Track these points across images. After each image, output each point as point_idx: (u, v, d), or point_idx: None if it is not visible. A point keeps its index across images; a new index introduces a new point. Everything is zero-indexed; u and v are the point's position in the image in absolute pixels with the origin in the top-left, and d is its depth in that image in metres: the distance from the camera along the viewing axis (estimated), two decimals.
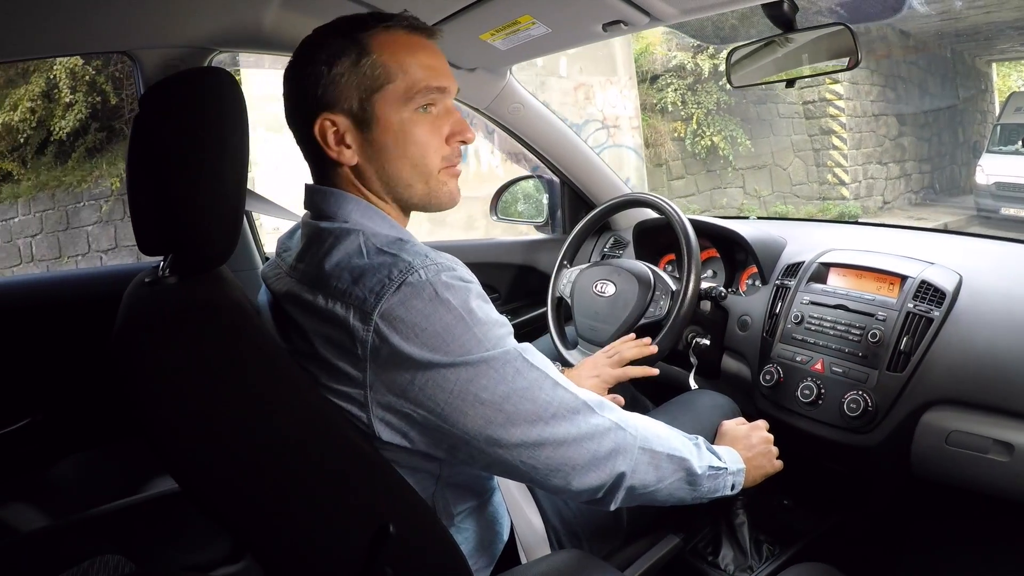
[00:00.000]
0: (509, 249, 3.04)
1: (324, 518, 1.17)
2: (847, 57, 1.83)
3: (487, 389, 1.13)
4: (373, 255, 1.16)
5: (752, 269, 2.32)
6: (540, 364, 1.21)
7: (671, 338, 1.92)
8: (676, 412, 1.86)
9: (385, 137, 1.25)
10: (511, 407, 1.15)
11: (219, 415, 1.05)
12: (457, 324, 1.11)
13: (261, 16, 1.91)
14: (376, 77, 1.23)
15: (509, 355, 1.16)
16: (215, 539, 2.06)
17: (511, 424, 1.16)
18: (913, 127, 15.55)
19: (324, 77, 1.22)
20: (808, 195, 13.97)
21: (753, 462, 1.59)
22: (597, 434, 1.24)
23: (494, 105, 2.53)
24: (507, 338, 1.18)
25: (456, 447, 1.18)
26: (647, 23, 1.83)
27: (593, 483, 1.25)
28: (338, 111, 1.23)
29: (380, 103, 1.24)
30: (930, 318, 1.77)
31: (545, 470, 1.21)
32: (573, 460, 1.22)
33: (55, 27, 1.80)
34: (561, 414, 1.20)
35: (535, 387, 1.18)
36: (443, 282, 1.12)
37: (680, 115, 12.66)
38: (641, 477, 1.31)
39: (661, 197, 2.07)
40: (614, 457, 1.26)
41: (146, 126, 1.15)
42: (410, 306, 1.10)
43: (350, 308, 1.12)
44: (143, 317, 1.04)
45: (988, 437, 1.67)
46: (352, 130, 1.25)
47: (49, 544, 1.88)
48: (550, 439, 1.19)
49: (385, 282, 1.11)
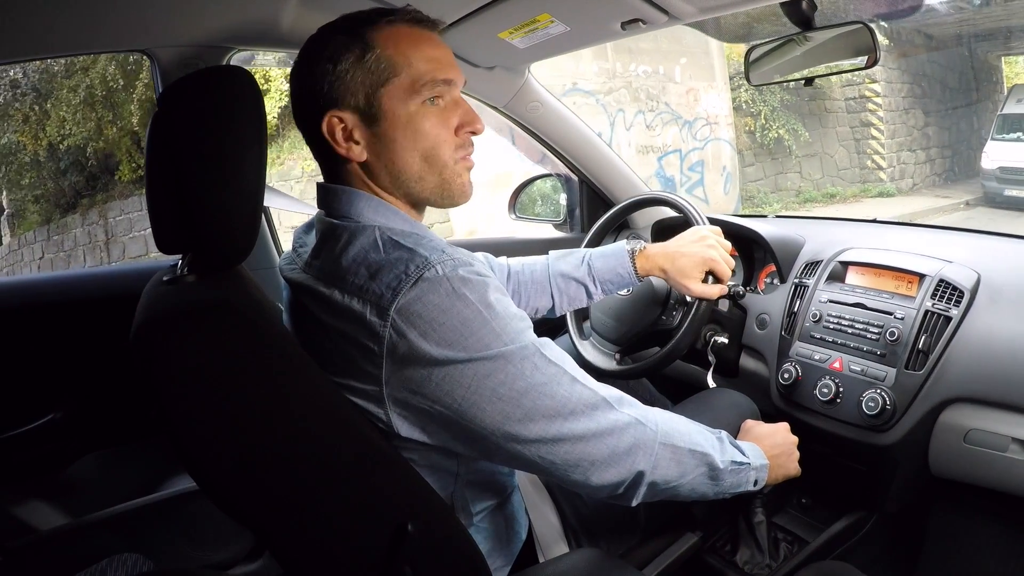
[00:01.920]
0: (527, 247, 3.02)
1: (343, 516, 1.17)
2: (866, 55, 1.82)
3: (505, 384, 1.13)
4: (389, 249, 1.16)
5: (770, 267, 2.30)
6: (558, 359, 1.20)
7: (689, 337, 1.91)
8: (695, 410, 1.84)
9: (393, 131, 1.26)
10: (529, 402, 1.15)
11: (237, 412, 1.05)
12: (475, 318, 1.11)
13: (279, 14, 1.91)
14: (381, 71, 1.23)
15: (527, 350, 1.16)
16: (233, 537, 2.07)
17: (529, 420, 1.15)
18: (936, 117, 17.14)
19: (330, 74, 1.22)
20: (851, 179, 16.03)
21: (776, 461, 1.57)
22: (616, 430, 1.23)
23: (512, 103, 2.52)
24: (526, 332, 1.18)
25: (474, 441, 1.18)
26: (666, 21, 1.82)
27: (613, 479, 1.25)
28: (345, 107, 1.24)
29: (386, 97, 1.24)
30: (948, 316, 1.76)
31: (564, 466, 1.21)
32: (592, 456, 1.21)
33: (74, 25, 1.81)
34: (580, 410, 1.19)
35: (553, 382, 1.17)
36: (460, 277, 1.12)
37: (750, 111, 14.91)
38: (663, 473, 1.30)
39: (680, 196, 2.06)
40: (634, 453, 1.25)
41: (164, 125, 1.15)
42: (427, 301, 1.09)
43: (367, 304, 1.12)
44: (162, 314, 1.04)
45: (1007, 435, 1.66)
46: (360, 126, 1.25)
47: (68, 542, 1.90)
48: (568, 435, 1.18)
49: (402, 277, 1.11)
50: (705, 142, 13.05)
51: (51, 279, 2.49)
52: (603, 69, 11.68)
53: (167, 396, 1.01)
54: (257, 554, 2.08)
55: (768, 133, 14.96)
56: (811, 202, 15.10)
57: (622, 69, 11.90)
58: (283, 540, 1.16)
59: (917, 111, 16.66)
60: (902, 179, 16.14)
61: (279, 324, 1.16)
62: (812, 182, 15.73)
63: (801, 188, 15.60)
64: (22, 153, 14.63)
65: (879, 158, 15.90)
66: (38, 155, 14.48)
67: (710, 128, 13.11)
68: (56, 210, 15.04)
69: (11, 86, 13.91)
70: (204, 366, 1.02)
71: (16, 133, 14.25)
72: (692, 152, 12.82)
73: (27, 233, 15.45)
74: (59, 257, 14.23)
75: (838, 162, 16.04)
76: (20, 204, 15.81)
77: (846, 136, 16.18)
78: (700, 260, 1.77)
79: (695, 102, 12.94)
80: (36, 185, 15.10)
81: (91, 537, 1.93)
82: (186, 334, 1.02)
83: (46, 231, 14.84)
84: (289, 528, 1.15)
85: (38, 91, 13.90)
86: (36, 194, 15.25)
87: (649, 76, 12.35)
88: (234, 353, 1.04)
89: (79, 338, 2.16)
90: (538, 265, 1.92)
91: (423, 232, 1.27)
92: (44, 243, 14.73)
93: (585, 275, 1.88)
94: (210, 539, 2.05)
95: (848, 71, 1.93)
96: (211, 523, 2.03)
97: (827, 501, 2.13)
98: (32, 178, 15.01)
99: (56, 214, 14.97)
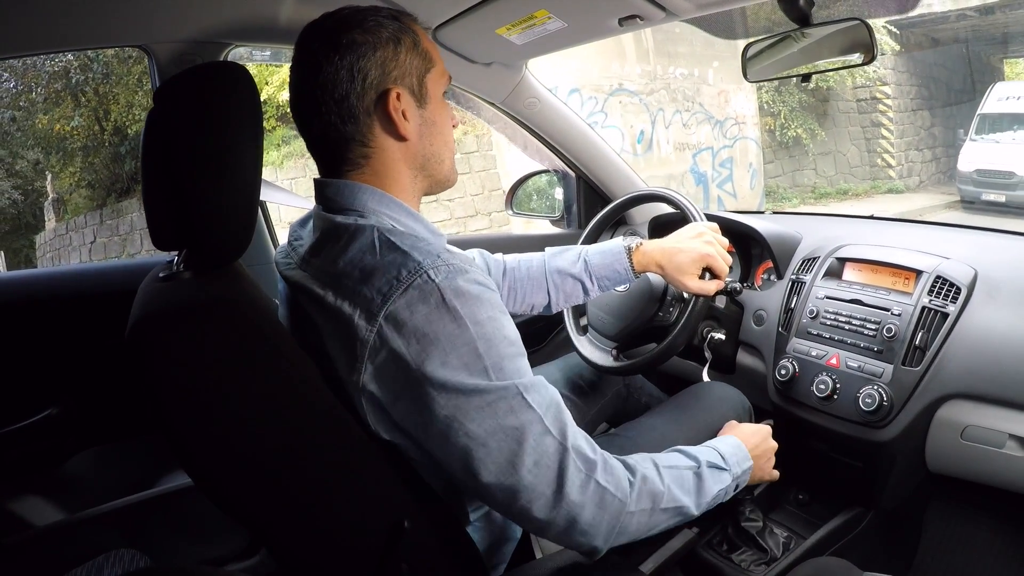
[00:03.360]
0: (524, 243, 3.02)
1: (339, 513, 1.17)
2: (863, 52, 1.81)
3: (475, 421, 1.10)
4: (384, 251, 1.15)
5: (767, 264, 2.31)
6: (538, 405, 1.15)
7: (686, 333, 1.90)
8: (686, 403, 1.85)
9: (434, 114, 1.32)
10: (495, 443, 1.11)
11: (233, 409, 1.05)
12: (460, 336, 1.09)
13: (276, 9, 1.91)
14: (427, 59, 1.30)
15: (507, 391, 1.12)
16: (229, 534, 2.07)
17: (490, 460, 1.11)
18: (941, 118, 17.69)
19: (393, 54, 1.25)
20: (862, 176, 16.79)
21: (756, 463, 1.54)
22: (578, 494, 1.16)
23: (510, 99, 2.52)
24: (513, 360, 1.14)
25: (435, 462, 1.17)
26: (663, 18, 1.82)
27: (570, 541, 1.20)
28: (403, 86, 1.26)
29: (431, 82, 1.31)
30: (945, 313, 1.77)
31: (519, 516, 1.17)
32: (551, 516, 1.16)
33: (71, 21, 1.81)
34: (543, 463, 1.14)
35: (525, 428, 1.13)
36: (453, 288, 1.10)
37: (770, 111, 15.76)
38: (631, 531, 1.25)
39: (677, 192, 2.06)
40: (597, 517, 1.19)
41: (160, 120, 1.15)
42: (415, 310, 1.08)
43: (356, 307, 1.11)
44: (158, 311, 1.04)
45: (1003, 431, 1.67)
46: (412, 106, 1.28)
47: (64, 538, 1.89)
48: (527, 487, 1.13)
49: (393, 283, 1.10)
50: (734, 140, 13.63)
51: (47, 275, 2.49)
52: (645, 71, 12.23)
53: (163, 392, 1.01)
54: (253, 550, 2.08)
55: (787, 132, 15.84)
56: (826, 197, 15.76)
57: (662, 71, 12.45)
58: (279, 536, 1.16)
59: (925, 112, 17.26)
60: (910, 176, 16.69)
61: (275, 321, 1.16)
62: (826, 179, 16.54)
63: (816, 184, 16.41)
64: (71, 140, 14.91)
65: (888, 156, 16.49)
66: (100, 140, 14.77)
67: (738, 127, 13.68)
68: (111, 195, 15.17)
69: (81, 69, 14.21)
70: (200, 363, 1.02)
71: (82, 117, 14.54)
72: (723, 150, 13.39)
73: (76, 218, 15.56)
74: (113, 241, 14.35)
75: (850, 160, 16.79)
76: (71, 189, 15.98)
77: (858, 135, 16.83)
78: (697, 256, 1.76)
79: (725, 103, 13.48)
80: (88, 170, 15.28)
81: (87, 533, 1.93)
82: (182, 331, 1.01)
83: (99, 215, 14.94)
84: (285, 524, 1.15)
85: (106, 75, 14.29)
86: (89, 179, 15.42)
87: (685, 78, 12.92)
88: (230, 349, 1.04)
89: (75, 334, 2.16)
90: (534, 261, 1.91)
91: (422, 231, 1.27)
92: (96, 227, 14.82)
93: (582, 271, 1.86)
94: (206, 535, 2.05)
95: (846, 67, 1.93)
96: (207, 519, 2.02)
97: (824, 497, 2.14)
98: (84, 164, 15.22)
99: (111, 199, 15.09)
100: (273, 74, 12.14)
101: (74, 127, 14.53)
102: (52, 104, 14.62)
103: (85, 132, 14.68)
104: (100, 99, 14.28)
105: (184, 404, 1.02)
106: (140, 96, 13.55)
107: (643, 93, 12.09)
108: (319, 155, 1.31)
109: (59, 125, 14.52)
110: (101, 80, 14.20)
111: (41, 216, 16.91)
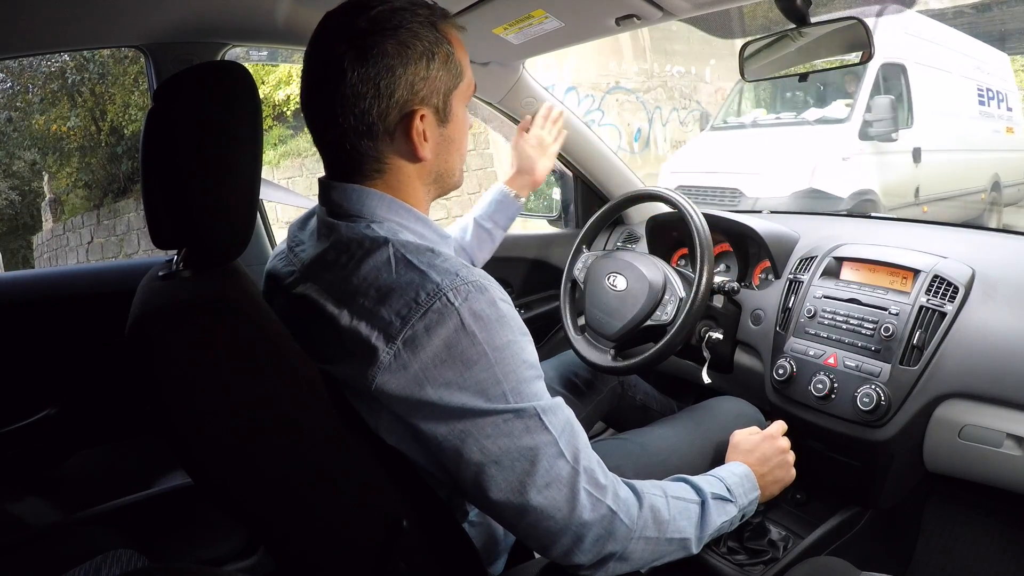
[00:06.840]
0: (522, 243, 3.02)
1: (338, 512, 1.17)
2: (860, 51, 1.82)
3: (490, 438, 1.10)
4: (401, 270, 1.12)
5: (765, 263, 2.31)
6: (554, 427, 1.14)
7: (683, 333, 1.91)
8: (701, 418, 1.86)
9: (454, 132, 1.28)
10: (508, 462, 1.11)
11: (232, 408, 1.05)
12: (480, 360, 1.09)
13: (274, 9, 1.91)
14: (455, 75, 1.25)
15: (524, 412, 1.12)
16: (228, 533, 2.07)
17: (501, 478, 1.12)
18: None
19: (425, 71, 1.19)
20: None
21: (769, 476, 1.56)
22: (587, 518, 1.16)
23: (507, 99, 2.52)
24: (531, 384, 1.14)
25: (447, 472, 1.17)
26: (660, 17, 1.82)
27: (573, 560, 1.19)
28: (428, 106, 1.22)
29: (455, 100, 1.26)
30: (943, 312, 1.77)
31: (525, 534, 1.18)
32: (556, 536, 1.17)
33: (69, 22, 1.81)
34: (554, 486, 1.14)
35: (539, 450, 1.13)
36: (472, 311, 1.09)
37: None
38: (634, 561, 1.25)
39: (674, 192, 2.06)
40: (601, 543, 1.19)
41: (160, 119, 1.15)
42: (434, 333, 1.07)
43: (374, 329, 1.10)
44: (157, 310, 1.04)
45: (1001, 431, 1.67)
46: (433, 126, 1.24)
47: (63, 538, 1.89)
48: (535, 508, 1.14)
49: (412, 306, 1.08)
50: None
51: (46, 275, 2.49)
52: (642, 69, 12.42)
53: (162, 392, 1.01)
54: (252, 550, 2.08)
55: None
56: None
57: (659, 69, 12.68)
58: (278, 535, 1.16)
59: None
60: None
61: (275, 320, 1.16)
62: None
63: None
64: (67, 140, 14.85)
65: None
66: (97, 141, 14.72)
67: None
68: (107, 195, 15.10)
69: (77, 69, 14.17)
70: (199, 362, 1.02)
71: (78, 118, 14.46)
72: None
73: (73, 218, 15.47)
74: (110, 241, 14.23)
75: None
76: (68, 190, 15.89)
77: None
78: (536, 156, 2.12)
79: (722, 100, 13.23)
80: (85, 171, 15.21)
81: (86, 533, 1.93)
82: (181, 330, 1.01)
83: (95, 216, 14.82)
84: (284, 523, 1.15)
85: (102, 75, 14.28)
86: (85, 180, 15.34)
87: (682, 76, 13.19)
88: (229, 349, 1.04)
89: (74, 334, 2.16)
90: (467, 234, 2.10)
91: (438, 245, 1.25)
92: (93, 227, 14.67)
93: (484, 219, 2.09)
94: (205, 535, 2.04)
95: (843, 67, 1.93)
96: (206, 519, 2.03)
97: (822, 497, 2.13)
98: (80, 164, 15.14)
99: (108, 199, 15.01)
100: (269, 73, 12.10)
101: (70, 127, 14.47)
102: (48, 104, 14.57)
103: (81, 132, 14.63)
104: (96, 99, 14.25)
105: (184, 403, 1.02)
106: (136, 96, 13.52)
107: (640, 91, 12.22)
108: (329, 159, 1.28)
109: (56, 125, 14.48)
110: (97, 80, 14.19)
111: (38, 217, 16.87)
